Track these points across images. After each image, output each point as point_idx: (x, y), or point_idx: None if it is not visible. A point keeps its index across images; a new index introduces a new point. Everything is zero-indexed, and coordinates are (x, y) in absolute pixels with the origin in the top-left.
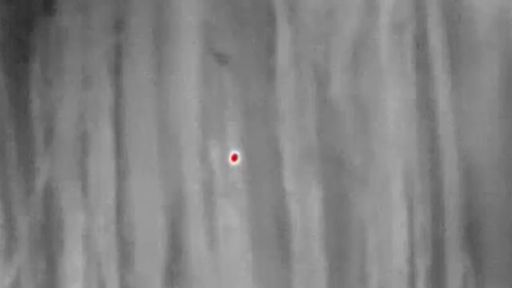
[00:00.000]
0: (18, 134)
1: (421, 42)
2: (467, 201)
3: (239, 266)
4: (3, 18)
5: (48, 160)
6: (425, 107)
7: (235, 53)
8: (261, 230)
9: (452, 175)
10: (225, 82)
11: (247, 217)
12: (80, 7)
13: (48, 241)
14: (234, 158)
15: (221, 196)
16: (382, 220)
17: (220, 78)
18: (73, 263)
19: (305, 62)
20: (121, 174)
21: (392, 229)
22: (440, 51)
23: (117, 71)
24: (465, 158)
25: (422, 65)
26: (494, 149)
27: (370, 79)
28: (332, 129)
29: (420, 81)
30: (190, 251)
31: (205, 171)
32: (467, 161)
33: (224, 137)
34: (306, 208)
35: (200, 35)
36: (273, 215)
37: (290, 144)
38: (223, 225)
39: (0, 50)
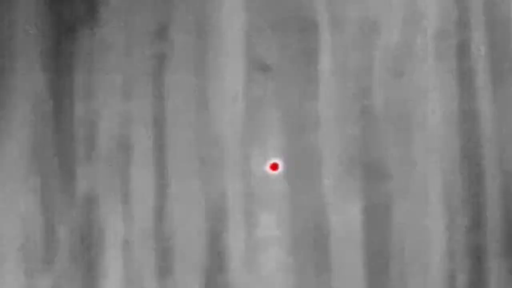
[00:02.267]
0: (60, 143)
1: (464, 52)
2: (507, 209)
3: (279, 274)
4: (47, 28)
5: (89, 168)
6: (467, 116)
7: (277, 61)
8: (300, 239)
9: (493, 184)
10: (267, 91)
11: (287, 226)
12: (122, 17)
13: (88, 248)
14: (274, 167)
15: (261, 205)
16: (422, 229)
17: (262, 87)
18: (113, 271)
19: (346, 70)
20: (161, 183)
21: (431, 238)
22: (483, 60)
23: (159, 80)
24: (506, 167)
25: (465, 75)
26: None
27: (412, 88)
28: (373, 138)
29: (462, 90)
30: (229, 260)
31: (246, 180)
32: (508, 169)
33: (265, 146)
34: (346, 216)
35: (242, 43)
36: (313, 224)
37: (330, 152)
38: (263, 233)
39: (44, 60)
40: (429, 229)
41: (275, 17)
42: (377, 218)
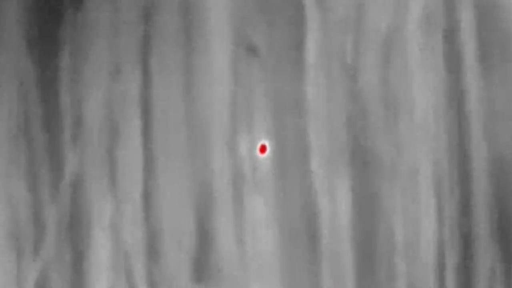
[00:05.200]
0: (46, 125)
1: (451, 34)
2: (497, 195)
3: (267, 258)
4: (32, 10)
5: (76, 150)
6: (455, 99)
7: (264, 45)
8: (289, 223)
9: (482, 169)
10: (254, 74)
11: (276, 210)
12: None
13: (75, 232)
14: (263, 149)
15: (249, 189)
16: (411, 214)
17: (249, 70)
18: (101, 255)
19: (334, 54)
20: (149, 165)
21: (421, 223)
22: (471, 42)
23: (146, 61)
24: (495, 151)
25: (453, 57)
26: None
27: (400, 71)
28: (361, 122)
29: (450, 73)
30: (218, 243)
31: (234, 163)
32: (497, 154)
33: (253, 129)
34: (335, 201)
35: (230, 25)
36: (302, 208)
37: (319, 137)
38: (252, 217)
39: (29, 41)
40: (418, 214)
41: (262, 0)
42: (366, 202)
